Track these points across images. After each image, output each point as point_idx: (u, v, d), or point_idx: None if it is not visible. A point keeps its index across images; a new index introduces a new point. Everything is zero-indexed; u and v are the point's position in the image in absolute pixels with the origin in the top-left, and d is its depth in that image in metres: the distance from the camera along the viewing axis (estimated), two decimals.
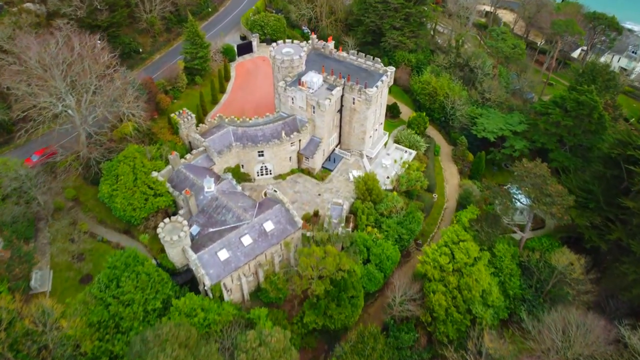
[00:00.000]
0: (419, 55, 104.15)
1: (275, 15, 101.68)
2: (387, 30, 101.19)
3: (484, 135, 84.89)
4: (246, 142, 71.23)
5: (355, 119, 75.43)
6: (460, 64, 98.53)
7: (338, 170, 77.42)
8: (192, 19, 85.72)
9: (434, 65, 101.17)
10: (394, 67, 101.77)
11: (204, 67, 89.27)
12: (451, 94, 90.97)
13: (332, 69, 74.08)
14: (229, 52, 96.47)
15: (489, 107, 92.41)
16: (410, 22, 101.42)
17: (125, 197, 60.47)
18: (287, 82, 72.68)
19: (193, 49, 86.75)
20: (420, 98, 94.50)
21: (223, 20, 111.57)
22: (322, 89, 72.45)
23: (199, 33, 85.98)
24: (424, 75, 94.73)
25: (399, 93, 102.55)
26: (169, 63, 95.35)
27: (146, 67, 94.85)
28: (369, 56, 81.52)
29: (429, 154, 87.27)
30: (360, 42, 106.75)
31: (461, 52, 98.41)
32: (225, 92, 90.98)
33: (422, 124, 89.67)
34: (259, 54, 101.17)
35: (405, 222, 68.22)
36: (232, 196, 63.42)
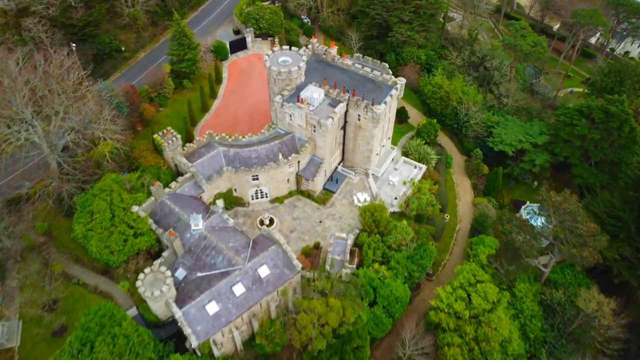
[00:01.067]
0: (429, 51, 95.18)
1: (272, 7, 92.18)
2: (395, 24, 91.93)
3: (501, 148, 77.15)
4: (239, 165, 63.72)
5: (361, 136, 67.64)
6: (475, 63, 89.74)
7: (341, 192, 70.12)
8: (178, 17, 76.63)
9: (446, 63, 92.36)
10: (402, 63, 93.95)
11: (193, 70, 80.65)
12: (465, 99, 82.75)
13: (335, 82, 65.79)
14: (221, 51, 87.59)
15: (506, 114, 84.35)
16: (420, 14, 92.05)
17: (102, 238, 53.44)
18: (284, 97, 64.58)
19: (180, 50, 78.00)
20: (430, 102, 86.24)
21: (214, 10, 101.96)
22: (324, 105, 64.42)
23: (187, 33, 77.05)
24: (435, 77, 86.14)
25: (406, 93, 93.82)
26: (154, 63, 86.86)
27: (130, 68, 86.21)
28: (375, 61, 73.08)
29: (440, 167, 79.77)
30: (364, 35, 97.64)
31: (475, 49, 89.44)
32: (217, 97, 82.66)
33: (433, 132, 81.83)
34: (254, 51, 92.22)
35: (416, 257, 61.41)
36: (223, 234, 56.39)
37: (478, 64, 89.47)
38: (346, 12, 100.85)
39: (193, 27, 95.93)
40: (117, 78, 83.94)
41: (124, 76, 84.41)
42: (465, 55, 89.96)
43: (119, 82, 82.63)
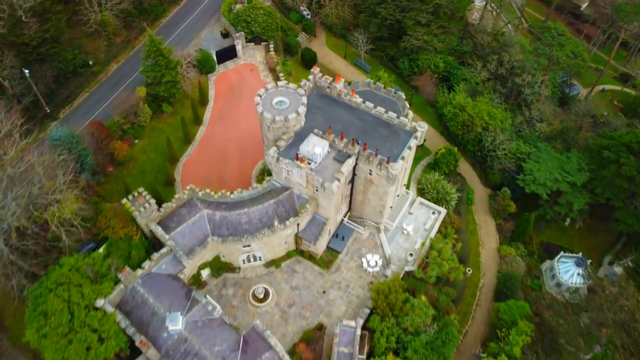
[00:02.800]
0: (448, 57, 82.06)
1: (265, 7, 78.18)
2: (410, 27, 78.47)
3: (534, 189, 66.19)
4: (226, 232, 53.24)
5: (372, 191, 56.72)
6: (503, 76, 77.00)
7: (348, 252, 59.94)
8: (151, 32, 63.51)
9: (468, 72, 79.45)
10: (417, 72, 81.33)
11: (173, 92, 68.34)
12: (491, 125, 70.95)
13: (342, 127, 54.04)
14: (206, 63, 74.66)
15: (538, 139, 72.68)
16: (439, 15, 78.40)
17: (58, 348, 43.79)
18: (279, 149, 53.16)
19: (156, 72, 65.41)
20: (450, 125, 74.36)
21: (199, 4, 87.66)
22: (329, 159, 53.09)
23: (163, 51, 64.16)
24: (457, 97, 73.76)
25: (422, 106, 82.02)
26: (129, 77, 74.35)
27: (101, 85, 73.69)
28: (389, 90, 61.34)
29: (461, 206, 69.20)
30: (373, 36, 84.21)
31: (504, 59, 76.40)
32: (202, 123, 70.68)
33: (453, 162, 70.74)
34: (246, 59, 79.16)
35: (436, 343, 52.06)
36: (208, 332, 46.78)
37: (506, 76, 76.72)
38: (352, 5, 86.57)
39: (174, 27, 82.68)
40: (86, 99, 71.75)
41: (93, 96, 72.14)
42: (491, 66, 76.99)
43: (86, 106, 70.69)
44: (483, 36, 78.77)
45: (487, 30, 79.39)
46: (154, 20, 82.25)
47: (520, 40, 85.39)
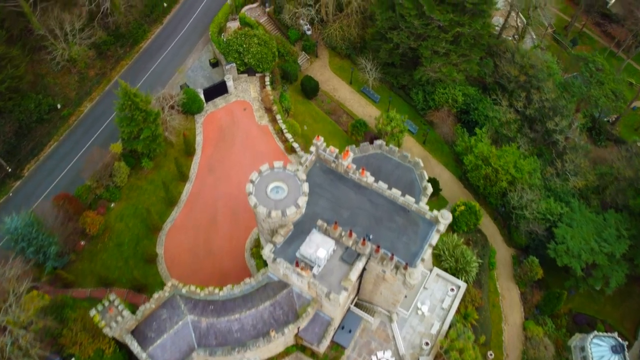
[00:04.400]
0: (469, 88, 72.24)
1: (260, 36, 67.52)
2: (426, 57, 68.34)
3: (567, 262, 58.16)
4: (214, 342, 45.64)
5: (385, 286, 48.65)
6: (531, 117, 67.51)
7: (355, 346, 52.43)
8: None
9: (490, 104, 69.97)
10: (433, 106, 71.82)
11: (153, 147, 59.19)
12: (518, 178, 62.23)
13: (350, 229, 45.36)
14: (193, 104, 64.97)
15: (571, 195, 64.01)
16: (459, 44, 68.12)
17: None
18: (276, 246, 44.78)
19: (133, 127, 56.06)
20: (471, 177, 65.56)
21: (185, 22, 76.81)
22: (334, 258, 44.78)
23: (139, 104, 54.59)
24: (479, 144, 64.55)
25: (437, 144, 73.06)
26: (106, 118, 64.97)
27: (71, 131, 64.33)
28: (404, 154, 52.45)
29: (482, 274, 61.44)
30: (383, 62, 74.13)
31: (534, 97, 66.62)
32: (188, 178, 61.80)
33: (473, 220, 62.51)
34: (238, 95, 69.31)
35: None
36: None
37: (535, 118, 67.22)
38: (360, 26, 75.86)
39: (156, 53, 72.57)
40: (55, 149, 62.61)
41: (63, 146, 62.96)
42: (518, 105, 67.34)
43: (56, 158, 61.71)
44: (509, 68, 68.59)
45: (513, 59, 68.96)
46: (133, 45, 71.91)
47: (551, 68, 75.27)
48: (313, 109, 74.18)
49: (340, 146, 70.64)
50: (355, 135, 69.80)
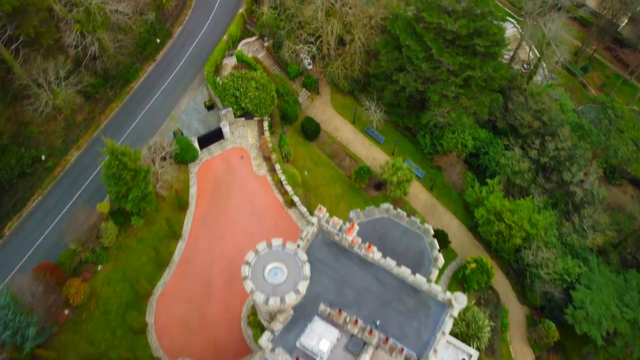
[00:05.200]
0: (480, 131, 68.37)
1: (257, 78, 63.49)
2: (434, 102, 64.42)
3: (586, 330, 54.37)
4: None
5: None
6: (546, 166, 63.60)
7: None
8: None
9: (502, 148, 66.20)
10: (440, 151, 67.94)
11: (143, 206, 55.23)
12: (533, 235, 58.40)
13: (356, 318, 41.42)
14: (186, 154, 61.02)
15: (589, 251, 60.18)
16: (470, 87, 64.23)
17: None
18: (274, 334, 40.90)
19: (121, 186, 52.11)
20: (482, 231, 61.67)
21: (179, 58, 72.74)
22: (339, 347, 40.85)
23: (127, 163, 50.61)
24: (490, 197, 60.64)
25: (445, 189, 69.21)
26: (93, 169, 61.12)
27: (57, 182, 60.45)
28: (413, 219, 48.44)
29: (495, 338, 57.60)
30: (387, 102, 70.24)
31: (549, 147, 62.69)
32: (180, 236, 57.84)
33: (485, 279, 58.67)
34: (234, 142, 65.34)
35: None
36: None
37: (550, 167, 63.32)
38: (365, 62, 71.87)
39: (149, 93, 68.76)
40: (39, 204, 58.72)
41: (48, 199, 59.08)
42: (532, 153, 63.44)
43: (39, 214, 57.83)
44: (522, 113, 64.69)
45: (526, 104, 65.02)
46: (124, 86, 67.94)
47: (565, 105, 71.55)
48: (314, 151, 70.24)
49: (342, 193, 67.10)
50: (358, 182, 65.90)
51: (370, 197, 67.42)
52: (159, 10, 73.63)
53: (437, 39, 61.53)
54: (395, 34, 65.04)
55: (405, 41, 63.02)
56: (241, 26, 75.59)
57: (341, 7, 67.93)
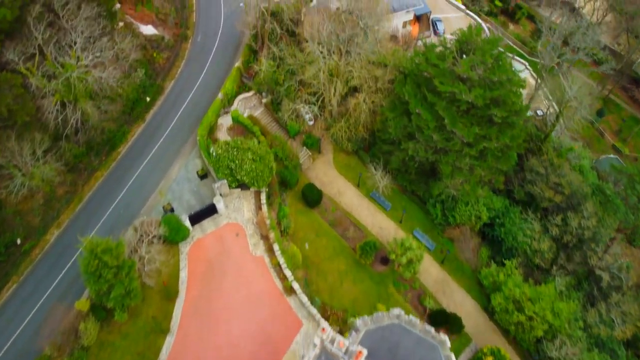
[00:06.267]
0: (495, 202, 63.17)
1: (255, 149, 58.23)
2: (447, 174, 59.24)
3: None
4: None
5: None
6: (568, 244, 58.41)
7: None
8: (89, 242, 44.69)
9: (521, 222, 61.07)
10: (452, 222, 62.78)
11: (127, 302, 49.97)
12: (555, 325, 53.18)
13: None
14: (176, 234, 55.83)
15: (616, 343, 54.98)
16: (486, 159, 59.10)
17: None
18: None
19: (102, 284, 46.85)
20: (500, 320, 56.42)
21: (170, 118, 67.78)
22: None
23: (108, 261, 45.38)
24: (509, 281, 55.47)
25: (457, 263, 64.01)
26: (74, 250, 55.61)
27: (34, 267, 55.25)
28: (427, 328, 43.24)
29: None
30: (394, 167, 65.17)
31: (571, 223, 57.56)
32: (169, 330, 52.52)
33: None
34: (229, 217, 60.14)
35: None
36: None
37: (574, 245, 58.11)
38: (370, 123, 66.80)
39: (136, 159, 63.71)
40: (14, 293, 53.47)
41: (24, 287, 53.85)
42: (553, 231, 58.26)
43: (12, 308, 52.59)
44: (542, 186, 59.51)
45: (547, 177, 59.88)
46: (110, 152, 62.94)
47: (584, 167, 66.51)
48: (316, 220, 65.08)
49: (346, 269, 61.93)
50: (364, 258, 60.67)
51: (377, 272, 62.26)
52: (149, 66, 68.53)
53: (450, 108, 56.44)
54: (403, 98, 59.94)
55: (415, 109, 57.93)
56: (237, 80, 70.58)
57: (345, 67, 62.84)
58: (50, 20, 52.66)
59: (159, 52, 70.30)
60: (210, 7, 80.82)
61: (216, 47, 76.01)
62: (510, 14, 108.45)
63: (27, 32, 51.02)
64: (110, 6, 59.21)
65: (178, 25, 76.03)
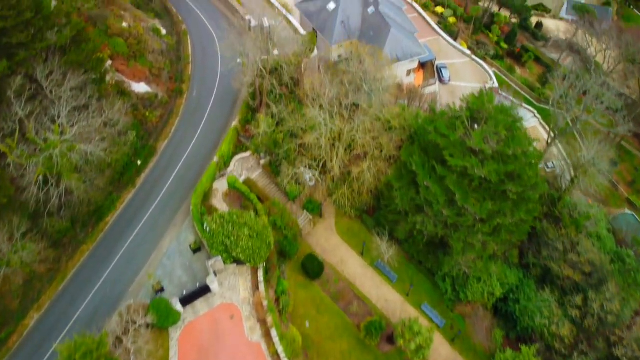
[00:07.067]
0: (509, 276, 59.00)
1: (251, 223, 54.36)
2: (458, 251, 55.18)
3: None
4: None
5: None
6: (590, 331, 54.02)
7: None
8: (67, 350, 40.31)
9: (535, 294, 56.86)
10: (463, 299, 58.49)
11: None
12: None
13: None
14: (165, 320, 51.47)
15: None
16: (500, 234, 55.07)
17: None
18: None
19: None
20: None
21: (162, 183, 63.87)
22: None
23: None
24: None
25: (467, 344, 59.65)
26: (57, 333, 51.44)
27: (10, 357, 50.65)
28: None
29: None
30: (401, 237, 61.14)
31: (593, 304, 53.36)
32: None
33: None
34: (224, 296, 55.82)
35: None
36: None
37: (595, 327, 53.75)
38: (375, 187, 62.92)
39: (125, 231, 59.60)
40: None
41: None
42: (573, 314, 53.99)
43: None
44: (561, 264, 55.38)
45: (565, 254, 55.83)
46: (97, 222, 58.92)
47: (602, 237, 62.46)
48: (317, 293, 60.96)
49: (349, 349, 57.66)
50: (369, 338, 56.31)
51: (382, 353, 58.03)
52: (141, 126, 64.90)
53: (462, 182, 52.61)
54: (410, 167, 56.15)
55: (423, 181, 54.07)
56: (234, 141, 66.92)
57: (348, 133, 59.19)
58: (32, 93, 49.01)
59: (152, 110, 66.71)
60: (206, 58, 77.70)
61: (212, 102, 72.60)
62: (516, 56, 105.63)
63: (7, 107, 47.34)
64: (99, 71, 55.63)
65: (173, 79, 72.63)
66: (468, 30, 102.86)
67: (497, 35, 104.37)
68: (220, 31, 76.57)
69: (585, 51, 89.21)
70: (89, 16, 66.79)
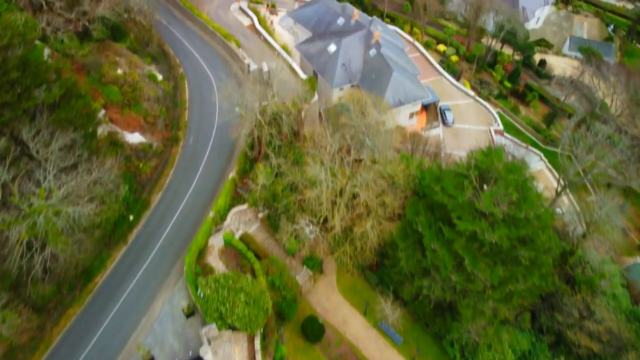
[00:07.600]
0: (521, 339, 55.61)
1: (247, 288, 51.22)
2: (467, 318, 51.93)
3: None
4: None
5: None
6: None
7: None
8: None
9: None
10: None
11: None
12: None
13: None
14: None
15: None
16: (511, 300, 51.90)
17: None
18: None
19: None
20: None
21: (155, 239, 60.82)
22: None
23: None
24: None
25: None
26: None
27: None
28: None
29: None
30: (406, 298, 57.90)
31: None
32: None
33: None
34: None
35: None
36: None
37: None
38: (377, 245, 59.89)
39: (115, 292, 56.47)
40: None
41: None
42: None
43: None
44: (578, 332, 52.12)
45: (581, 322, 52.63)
46: (86, 283, 55.77)
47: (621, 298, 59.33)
48: (317, 358, 57.50)
49: None
50: None
51: None
52: (134, 179, 62.23)
53: (471, 246, 49.69)
54: (416, 227, 53.29)
55: (430, 244, 51.15)
56: (232, 193, 64.22)
57: (351, 189, 56.50)
58: (17, 155, 46.44)
59: (146, 161, 64.17)
60: (204, 105, 75.50)
61: (209, 150, 70.12)
62: (520, 95, 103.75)
63: None
64: (89, 127, 53.18)
65: (168, 127, 70.26)
66: (471, 69, 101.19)
67: (501, 74, 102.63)
68: (219, 79, 74.03)
69: (593, 93, 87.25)
70: (82, 64, 64.73)
